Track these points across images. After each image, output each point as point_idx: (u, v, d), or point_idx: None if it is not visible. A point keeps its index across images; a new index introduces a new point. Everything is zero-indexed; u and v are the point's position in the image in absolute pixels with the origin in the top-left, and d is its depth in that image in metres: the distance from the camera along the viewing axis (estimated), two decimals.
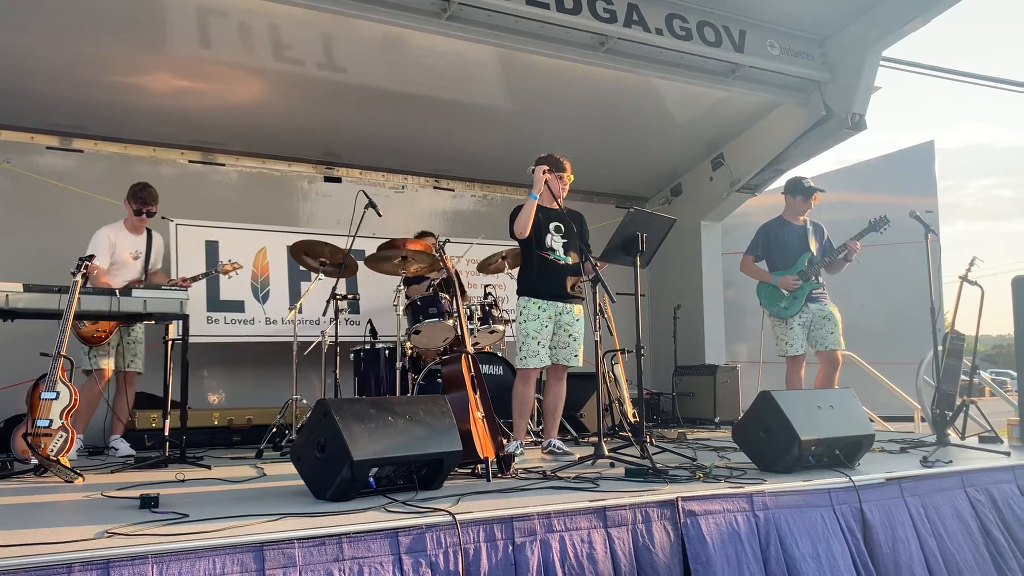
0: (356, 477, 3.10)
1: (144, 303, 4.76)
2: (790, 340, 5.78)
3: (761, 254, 6.02)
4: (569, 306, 5.06)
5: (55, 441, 4.16)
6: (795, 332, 5.77)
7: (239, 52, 6.04)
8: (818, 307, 5.79)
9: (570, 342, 5.04)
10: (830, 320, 5.75)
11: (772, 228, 6.02)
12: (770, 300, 5.90)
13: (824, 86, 7.32)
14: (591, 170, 8.53)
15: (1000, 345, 42.39)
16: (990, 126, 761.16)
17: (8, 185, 6.58)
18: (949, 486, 4.04)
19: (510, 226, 5.01)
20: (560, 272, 5.03)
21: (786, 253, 5.89)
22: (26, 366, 4.65)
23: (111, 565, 2.26)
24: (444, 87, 6.80)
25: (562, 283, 5.03)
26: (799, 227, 5.96)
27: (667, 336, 8.44)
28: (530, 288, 5.02)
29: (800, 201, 5.96)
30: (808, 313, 5.78)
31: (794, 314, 5.75)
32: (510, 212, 5.06)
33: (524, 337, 4.95)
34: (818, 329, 5.78)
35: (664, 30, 6.50)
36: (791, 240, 5.90)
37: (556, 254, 5.03)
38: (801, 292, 5.76)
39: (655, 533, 3.15)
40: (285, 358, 6.14)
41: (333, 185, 7.92)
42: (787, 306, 5.79)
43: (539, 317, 4.94)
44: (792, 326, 5.77)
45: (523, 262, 5.12)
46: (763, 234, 6.04)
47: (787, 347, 5.80)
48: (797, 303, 5.76)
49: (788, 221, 6.01)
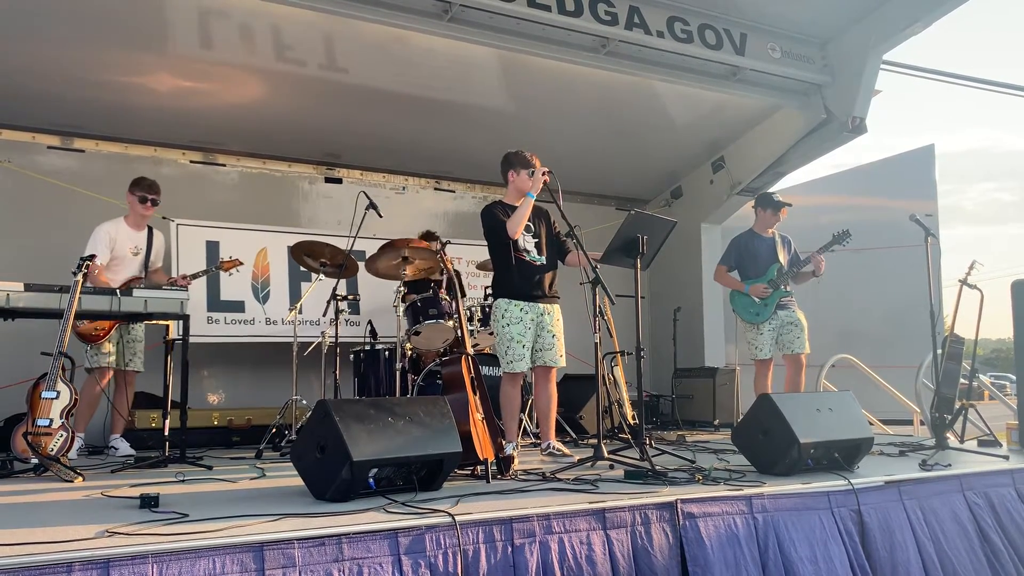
0: (356, 478, 3.11)
1: (145, 303, 4.76)
2: (760, 344, 6.07)
3: (733, 264, 6.31)
4: (550, 307, 5.04)
5: (55, 440, 4.17)
6: (764, 337, 6.06)
7: (240, 52, 6.05)
8: (786, 313, 6.08)
9: (554, 343, 5.00)
10: (796, 326, 6.05)
11: (743, 240, 6.32)
12: (743, 307, 6.19)
13: (825, 89, 7.33)
14: (592, 172, 8.58)
15: (999, 349, 42.40)
16: (991, 131, 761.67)
17: (9, 184, 6.59)
18: (947, 490, 4.04)
19: (489, 225, 4.94)
20: (538, 272, 5.00)
21: (757, 264, 6.19)
22: (26, 365, 4.66)
23: (111, 565, 2.27)
24: (445, 88, 6.81)
25: (540, 283, 5.00)
26: (768, 239, 6.26)
27: (667, 338, 8.45)
28: (509, 290, 4.96)
29: (770, 214, 6.25)
30: (777, 320, 6.07)
31: (765, 320, 6.05)
32: (484, 209, 5.01)
33: (509, 341, 4.88)
34: (785, 334, 6.07)
35: (665, 33, 6.50)
36: (761, 251, 6.20)
37: (531, 255, 5.00)
38: (771, 300, 6.05)
39: (654, 535, 3.16)
40: (285, 358, 6.15)
41: (334, 186, 7.94)
42: (758, 312, 6.09)
43: (522, 320, 4.90)
44: (762, 331, 6.07)
45: (499, 264, 5.04)
46: (735, 246, 6.34)
47: (757, 351, 6.10)
48: (767, 310, 6.06)
49: (758, 233, 6.31)
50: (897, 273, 7.89)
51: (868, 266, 8.19)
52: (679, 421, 7.73)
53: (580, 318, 5.16)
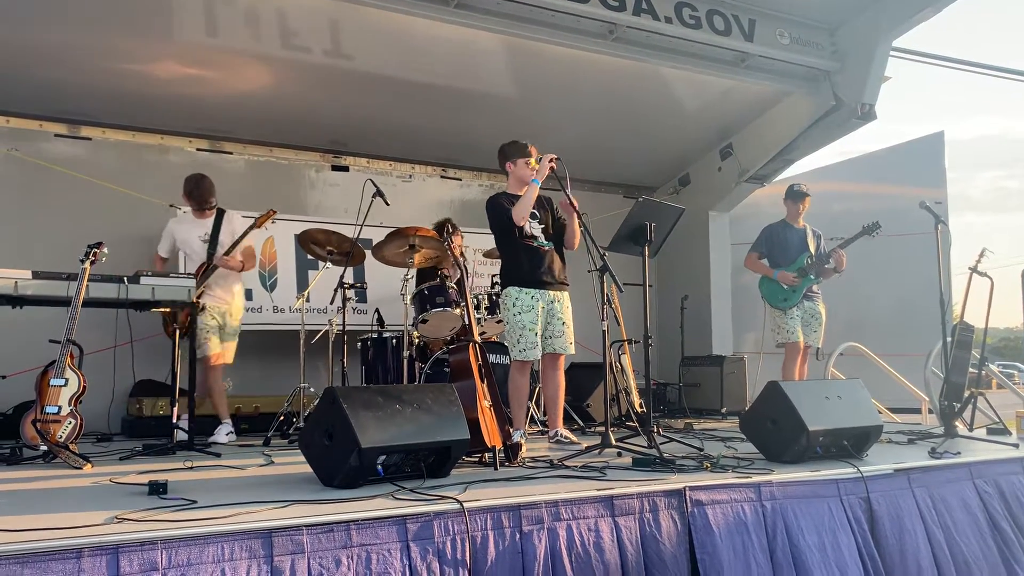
0: (364, 464, 3.11)
1: (152, 291, 4.77)
2: (790, 328, 6.23)
3: (764, 252, 6.47)
4: (560, 294, 5.02)
5: (64, 427, 4.18)
6: (794, 321, 6.25)
7: (246, 39, 6.03)
8: (811, 304, 6.31)
9: (564, 330, 4.99)
10: (816, 319, 6.29)
11: (776, 229, 6.50)
12: (771, 293, 6.37)
13: (834, 76, 7.27)
14: (599, 160, 8.54)
15: (1007, 338, 42.24)
16: (1000, 118, 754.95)
17: (16, 172, 6.58)
18: (957, 477, 4.03)
19: (495, 215, 4.93)
20: (546, 258, 4.98)
21: (788, 252, 6.36)
22: (35, 353, 4.67)
23: (120, 550, 2.27)
24: (452, 75, 6.77)
25: (550, 269, 4.98)
26: (800, 230, 6.44)
27: (674, 326, 8.42)
28: (519, 278, 4.94)
29: (790, 204, 6.46)
30: (802, 308, 6.28)
31: (793, 305, 6.24)
32: (489, 201, 5.00)
33: (521, 328, 4.86)
34: (806, 325, 6.27)
35: (673, 18, 6.46)
36: (793, 240, 6.38)
37: (539, 241, 4.98)
38: (800, 287, 6.24)
39: (662, 522, 3.15)
40: (292, 346, 6.15)
41: (340, 174, 7.92)
42: (786, 298, 6.28)
43: (533, 308, 4.88)
44: (792, 316, 6.25)
45: (507, 253, 5.03)
46: (767, 234, 6.51)
47: (788, 335, 6.25)
48: (796, 296, 6.26)
49: (790, 224, 6.47)
50: (906, 261, 7.85)
51: (877, 254, 8.14)
52: (686, 409, 7.73)
53: (588, 306, 5.15)
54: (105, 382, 5.72)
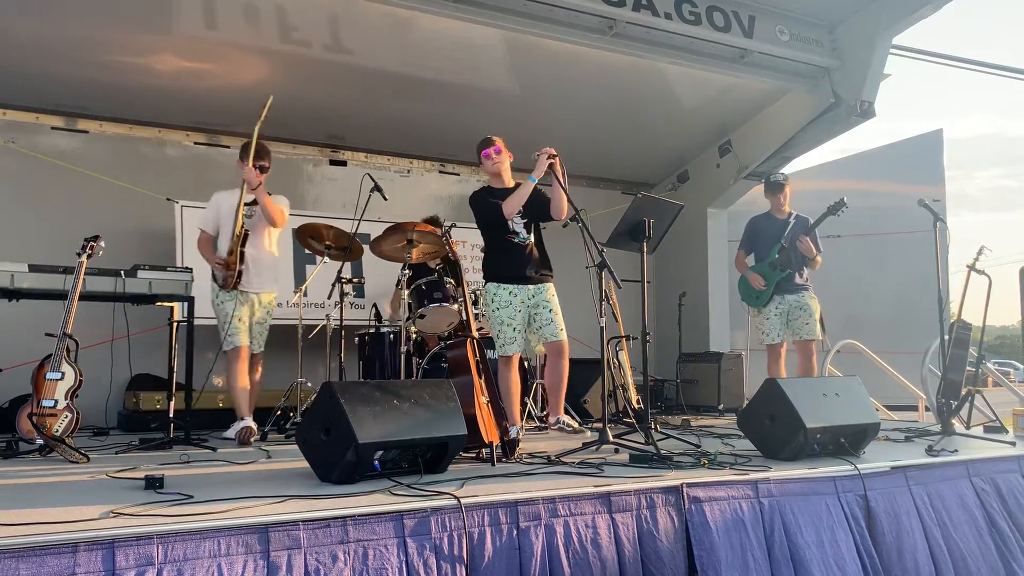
0: (361, 460, 3.10)
1: (150, 284, 4.76)
2: (767, 329, 6.09)
3: (748, 246, 6.33)
4: (541, 286, 5.04)
5: (60, 421, 4.17)
6: (771, 321, 6.06)
7: (245, 33, 6.01)
8: (795, 298, 6.04)
9: (552, 317, 5.01)
10: (805, 311, 6.00)
11: (757, 220, 6.35)
12: (746, 292, 6.23)
13: (833, 73, 7.27)
14: (597, 155, 8.53)
15: (1003, 336, 42.27)
16: (997, 117, 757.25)
17: (13, 165, 6.56)
18: (954, 475, 4.03)
19: (480, 209, 4.97)
20: (527, 253, 5.01)
21: (764, 244, 6.19)
22: (31, 346, 4.66)
23: (116, 545, 2.26)
24: (451, 70, 6.76)
25: (531, 264, 5.00)
26: (781, 220, 6.22)
27: (672, 323, 8.42)
28: (499, 274, 4.98)
29: (772, 196, 6.25)
30: (785, 304, 6.05)
31: (765, 303, 6.05)
32: (471, 197, 5.04)
33: (500, 325, 4.91)
34: (794, 320, 6.04)
35: (673, 14, 6.45)
36: (769, 232, 6.20)
37: (520, 236, 5.00)
38: (770, 283, 6.03)
39: (659, 519, 3.15)
40: (290, 341, 6.14)
41: (338, 168, 7.90)
42: (758, 296, 6.11)
43: (511, 304, 4.92)
44: (768, 316, 6.07)
45: (490, 247, 5.07)
46: (749, 227, 6.38)
47: (765, 336, 6.11)
48: (766, 294, 6.06)
49: (772, 215, 6.30)
50: (904, 258, 7.85)
51: (875, 251, 8.16)
52: (684, 406, 7.73)
53: (585, 302, 5.13)
54: (102, 376, 5.69)
